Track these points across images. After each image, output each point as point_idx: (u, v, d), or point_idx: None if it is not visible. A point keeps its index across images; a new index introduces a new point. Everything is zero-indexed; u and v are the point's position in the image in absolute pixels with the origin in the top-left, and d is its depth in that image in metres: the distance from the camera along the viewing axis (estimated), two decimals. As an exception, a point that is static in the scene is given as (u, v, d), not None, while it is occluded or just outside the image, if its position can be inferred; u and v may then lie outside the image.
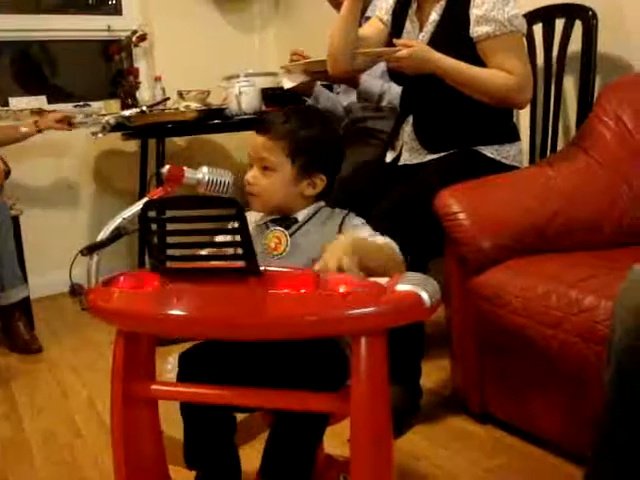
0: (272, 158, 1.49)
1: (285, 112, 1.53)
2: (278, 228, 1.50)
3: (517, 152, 2.33)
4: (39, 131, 3.38)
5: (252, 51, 4.28)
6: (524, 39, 2.30)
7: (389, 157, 2.44)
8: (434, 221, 2.01)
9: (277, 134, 1.49)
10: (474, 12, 2.17)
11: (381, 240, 1.44)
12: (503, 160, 2.26)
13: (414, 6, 2.35)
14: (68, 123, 3.40)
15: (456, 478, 1.85)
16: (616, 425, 1.26)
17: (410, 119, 2.36)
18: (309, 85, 2.93)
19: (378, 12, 2.48)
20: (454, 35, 2.21)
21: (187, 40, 4.14)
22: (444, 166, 2.24)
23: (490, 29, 2.15)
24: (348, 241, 1.33)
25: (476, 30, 2.18)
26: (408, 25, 2.36)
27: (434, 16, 2.27)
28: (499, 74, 2.17)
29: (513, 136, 2.35)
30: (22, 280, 3.16)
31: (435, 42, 2.25)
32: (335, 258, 1.24)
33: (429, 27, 2.28)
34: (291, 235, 1.49)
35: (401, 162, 2.38)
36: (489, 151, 2.25)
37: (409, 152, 2.36)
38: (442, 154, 2.27)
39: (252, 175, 1.51)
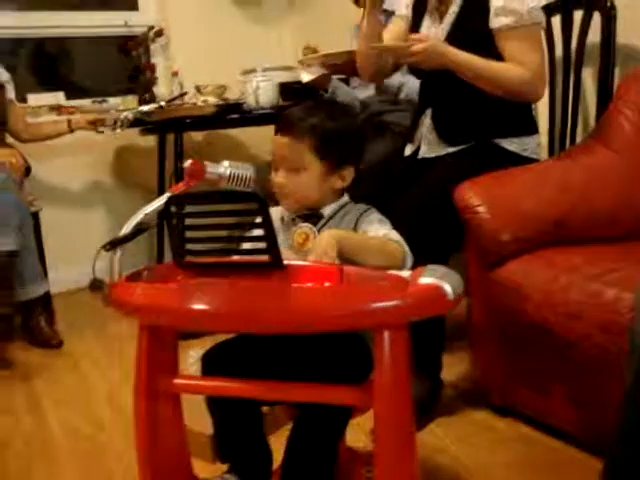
0: (299, 158, 1.48)
1: (304, 108, 1.52)
2: (305, 224, 1.50)
3: (536, 145, 2.32)
4: (71, 130, 3.42)
5: (269, 45, 4.27)
6: (542, 31, 2.29)
7: (408, 150, 2.44)
8: (454, 214, 2.01)
9: (300, 133, 1.47)
10: (494, 3, 2.16)
11: (384, 238, 1.43)
12: (522, 153, 2.26)
13: (435, 3, 2.34)
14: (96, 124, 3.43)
15: (478, 471, 1.85)
16: (637, 414, 1.26)
17: (429, 112, 2.36)
18: (326, 79, 2.93)
19: (397, 9, 2.48)
20: (474, 27, 2.21)
21: (204, 35, 4.14)
22: (463, 159, 2.24)
23: (509, 20, 2.15)
24: (332, 237, 1.33)
25: (495, 21, 2.17)
26: (427, 18, 2.35)
27: (454, 8, 2.27)
28: (513, 68, 2.17)
29: (532, 129, 2.34)
30: (42, 276, 3.18)
31: (454, 34, 2.25)
32: (318, 254, 1.26)
33: (448, 19, 2.28)
34: (318, 231, 1.49)
35: (420, 155, 2.37)
36: (508, 144, 2.25)
37: (428, 145, 2.36)
38: (461, 147, 2.27)
39: (281, 177, 1.50)
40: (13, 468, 2.08)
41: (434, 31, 2.31)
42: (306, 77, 2.70)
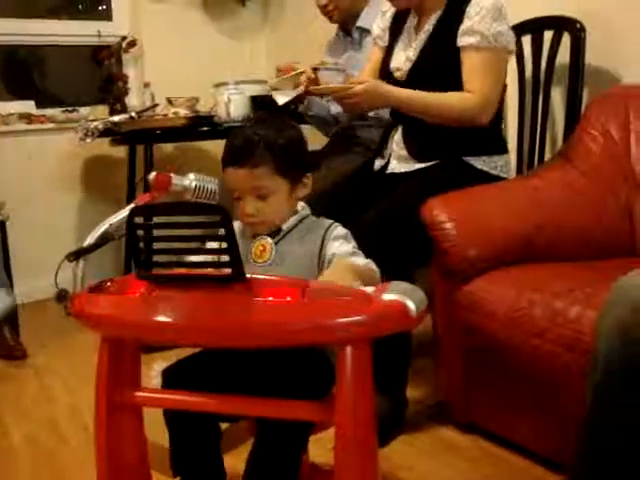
0: (266, 184, 1.45)
1: (249, 134, 1.47)
2: (263, 237, 1.49)
3: (505, 163, 2.34)
4: None
5: (242, 59, 4.28)
6: (508, 56, 2.30)
7: (377, 165, 2.45)
8: (420, 230, 2.01)
9: (258, 160, 1.43)
10: (465, 23, 2.18)
11: (363, 262, 1.43)
12: (491, 171, 2.27)
13: (414, 20, 2.36)
14: None
15: (441, 488, 1.85)
16: (597, 434, 1.26)
17: (400, 128, 2.37)
18: (301, 96, 2.93)
19: (374, 37, 2.51)
20: (444, 45, 2.23)
21: (177, 47, 4.14)
22: (432, 175, 2.25)
23: (474, 40, 2.17)
24: (348, 264, 1.34)
25: (461, 40, 2.19)
26: (401, 40, 2.38)
27: (428, 26, 2.29)
28: (456, 97, 2.20)
29: (501, 148, 2.36)
30: (8, 287, 3.14)
31: (425, 51, 2.28)
32: (335, 279, 1.25)
33: (422, 36, 2.30)
34: (276, 244, 1.48)
35: (389, 170, 2.38)
36: (477, 162, 2.26)
37: (397, 160, 2.37)
38: (430, 163, 2.28)
39: (250, 207, 1.45)
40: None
41: (405, 54, 2.33)
42: (281, 99, 2.70)
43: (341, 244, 1.46)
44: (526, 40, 2.65)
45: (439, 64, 2.25)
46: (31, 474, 2.06)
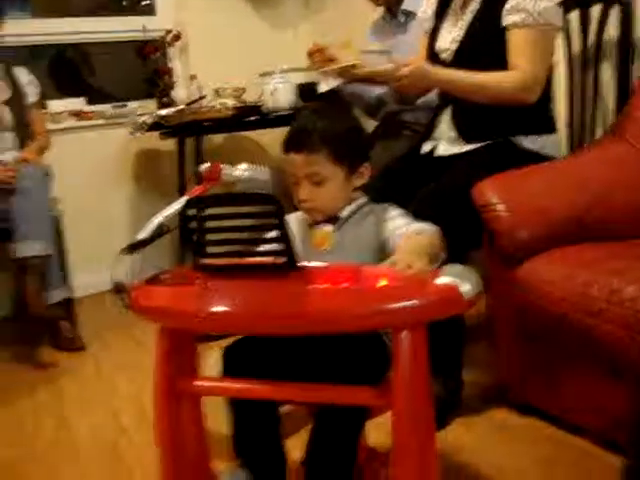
0: (321, 171, 1.47)
1: (308, 119, 1.50)
2: (323, 225, 1.51)
3: (554, 143, 2.31)
4: None
5: (286, 47, 4.27)
6: (555, 33, 2.25)
7: (426, 148, 2.44)
8: (472, 212, 2.00)
9: (315, 145, 1.46)
10: (509, 1, 2.16)
11: (417, 226, 1.43)
12: (540, 151, 2.25)
13: (460, 0, 2.35)
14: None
15: (499, 470, 1.84)
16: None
17: (448, 110, 2.36)
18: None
19: (421, 22, 2.51)
20: (490, 25, 2.21)
21: (221, 38, 4.16)
22: (481, 157, 2.23)
23: (518, 19, 2.14)
24: (419, 242, 1.33)
25: (506, 19, 2.17)
26: (447, 20, 2.36)
27: (473, 6, 2.27)
28: (502, 76, 2.17)
29: (550, 127, 2.32)
30: (62, 282, 3.20)
31: (471, 31, 2.26)
32: (406, 260, 1.24)
33: (468, 16, 2.28)
34: (335, 231, 1.49)
35: (437, 153, 2.37)
36: (526, 142, 2.24)
37: (446, 143, 2.36)
38: (479, 145, 2.26)
39: (305, 193, 1.48)
40: (38, 469, 2.10)
41: (451, 35, 2.32)
42: (324, 87, 2.70)
43: (397, 219, 1.48)
44: (574, 16, 2.61)
45: (486, 44, 2.22)
46: (94, 465, 2.11)
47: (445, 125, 2.37)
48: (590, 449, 1.88)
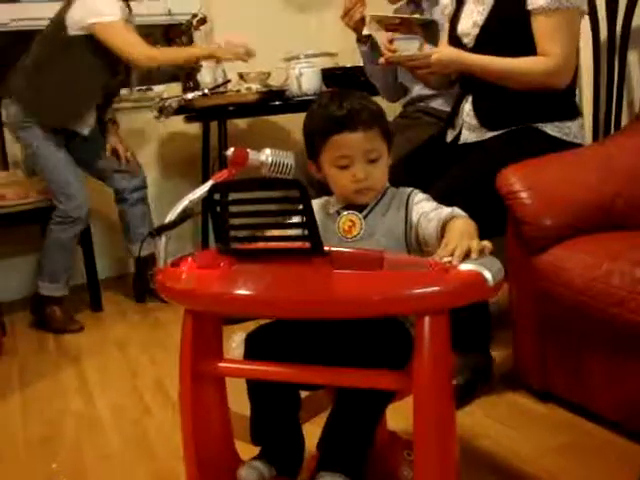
0: (377, 147, 1.48)
1: (351, 100, 1.49)
2: (351, 212, 1.50)
3: (578, 129, 2.30)
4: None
5: (311, 31, 4.27)
6: (580, 16, 2.22)
7: (450, 136, 2.44)
8: (495, 199, 2.00)
9: (369, 122, 1.46)
10: None
11: (462, 213, 1.43)
12: (564, 137, 2.24)
13: None
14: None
15: (518, 456, 1.85)
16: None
17: (470, 98, 2.36)
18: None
19: (442, 9, 2.51)
20: (513, 8, 2.19)
21: (246, 22, 4.15)
22: (504, 144, 2.23)
23: (543, 2, 2.12)
24: (466, 225, 1.35)
25: (530, 3, 2.15)
26: (470, 2, 2.33)
27: None
28: (531, 61, 2.16)
29: (574, 113, 2.31)
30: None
31: (493, 15, 2.24)
32: (464, 243, 1.24)
33: (488, 1, 2.26)
34: (364, 218, 1.50)
35: (461, 141, 2.37)
36: (549, 128, 2.23)
37: (469, 130, 2.35)
38: (502, 131, 2.26)
39: (361, 171, 1.46)
40: (64, 445, 2.15)
41: (473, 19, 2.30)
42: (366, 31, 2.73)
43: (424, 204, 1.48)
44: (600, 1, 2.59)
45: (508, 28, 2.20)
46: (118, 442, 2.14)
47: (467, 113, 2.36)
48: (610, 437, 1.88)
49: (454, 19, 2.40)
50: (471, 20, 2.31)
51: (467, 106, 2.36)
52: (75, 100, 3.23)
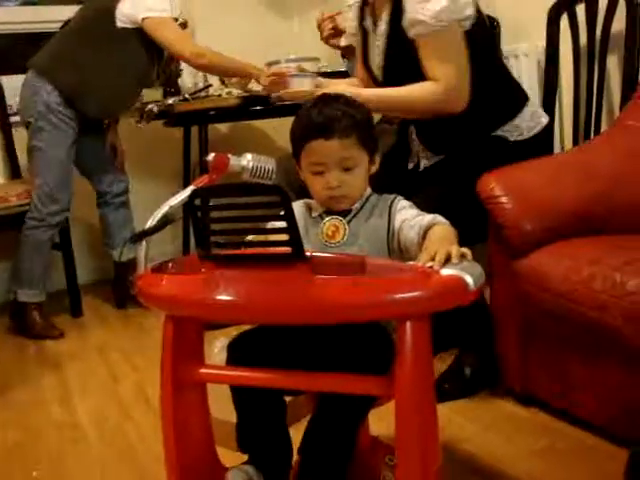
0: (353, 155, 1.47)
1: (331, 107, 1.49)
2: (334, 217, 1.50)
3: (529, 118, 2.21)
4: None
5: (292, 36, 4.28)
6: (460, 27, 2.08)
7: (410, 165, 2.39)
8: (475, 206, 2.01)
9: (346, 130, 1.46)
10: (405, 16, 2.07)
11: (443, 220, 1.44)
12: (519, 138, 2.18)
13: (370, 20, 2.28)
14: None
15: (500, 460, 1.85)
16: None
17: (413, 129, 2.32)
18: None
19: (346, 37, 2.53)
20: (403, 43, 2.12)
21: (228, 27, 4.15)
22: (466, 159, 2.19)
23: (422, 29, 2.05)
24: (446, 231, 1.36)
25: (410, 32, 2.09)
26: (370, 37, 2.28)
27: (382, 28, 2.19)
28: (419, 86, 2.10)
29: (517, 104, 2.21)
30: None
31: (388, 55, 2.20)
32: (444, 248, 1.24)
33: (381, 40, 2.21)
34: (348, 223, 1.49)
35: (421, 168, 2.32)
36: (501, 133, 2.17)
37: (426, 159, 2.30)
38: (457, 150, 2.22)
39: (335, 179, 1.46)
40: (45, 452, 2.13)
41: (375, 56, 2.26)
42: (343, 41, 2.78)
43: (407, 211, 1.49)
44: (580, 8, 2.61)
45: (406, 64, 2.14)
46: (99, 449, 2.13)
47: (417, 144, 2.32)
48: (592, 441, 1.88)
49: (364, 48, 2.34)
50: (376, 50, 2.26)
51: (414, 137, 2.33)
52: (120, 92, 3.25)
